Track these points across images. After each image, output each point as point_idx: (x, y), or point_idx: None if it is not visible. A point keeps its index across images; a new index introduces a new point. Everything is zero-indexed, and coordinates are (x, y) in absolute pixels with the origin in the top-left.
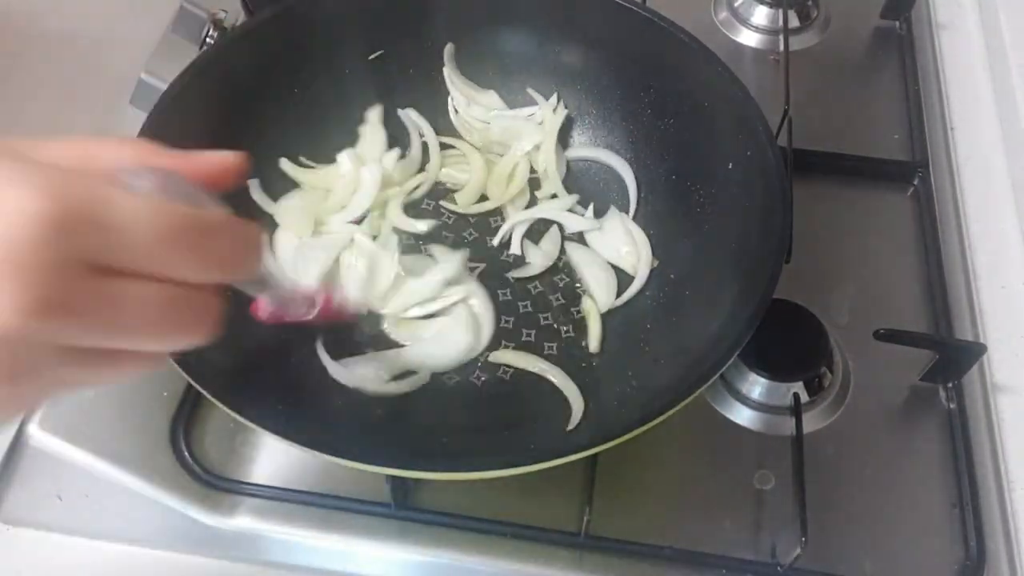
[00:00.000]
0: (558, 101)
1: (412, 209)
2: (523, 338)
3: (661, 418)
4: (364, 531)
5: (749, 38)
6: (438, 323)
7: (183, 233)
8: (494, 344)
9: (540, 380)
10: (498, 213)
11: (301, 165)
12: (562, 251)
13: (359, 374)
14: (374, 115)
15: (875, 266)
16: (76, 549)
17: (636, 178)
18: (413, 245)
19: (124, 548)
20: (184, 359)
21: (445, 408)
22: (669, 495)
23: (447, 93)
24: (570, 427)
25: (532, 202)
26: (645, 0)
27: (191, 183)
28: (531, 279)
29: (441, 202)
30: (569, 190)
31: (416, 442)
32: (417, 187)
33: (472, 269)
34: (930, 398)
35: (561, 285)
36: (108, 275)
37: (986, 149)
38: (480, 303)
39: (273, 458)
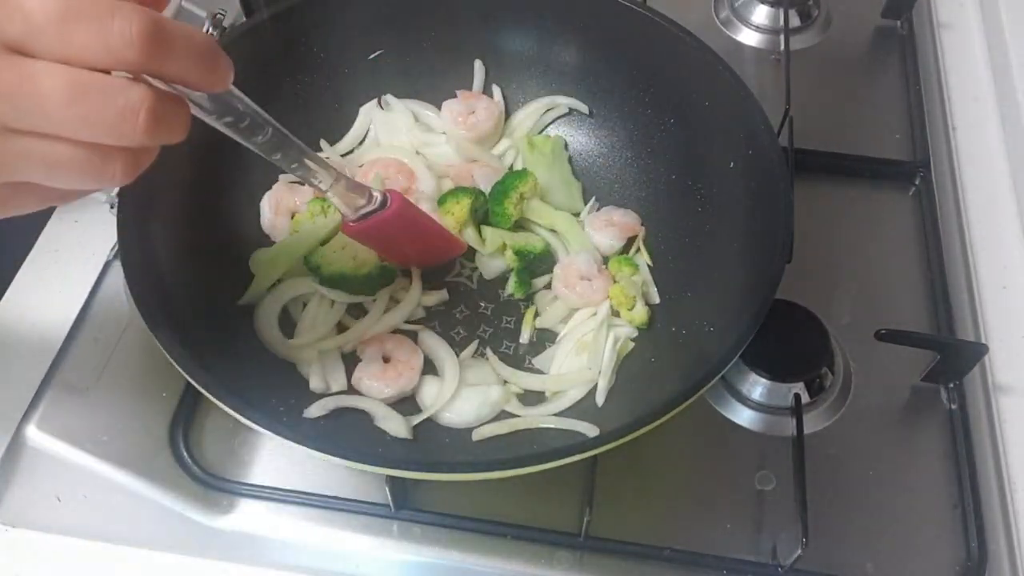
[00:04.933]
0: None
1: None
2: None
3: (662, 419)
4: (364, 531)
5: (750, 37)
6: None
7: (82, 11)
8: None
9: None
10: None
11: None
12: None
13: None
14: None
15: (876, 266)
16: (75, 550)
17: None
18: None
19: (123, 549)
20: (185, 360)
21: None
22: (669, 496)
23: (444, 92)
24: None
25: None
26: (646, 0)
27: None
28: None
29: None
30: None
31: (416, 443)
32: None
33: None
34: (931, 399)
35: None
36: (23, 55)
37: (988, 149)
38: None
39: (272, 459)
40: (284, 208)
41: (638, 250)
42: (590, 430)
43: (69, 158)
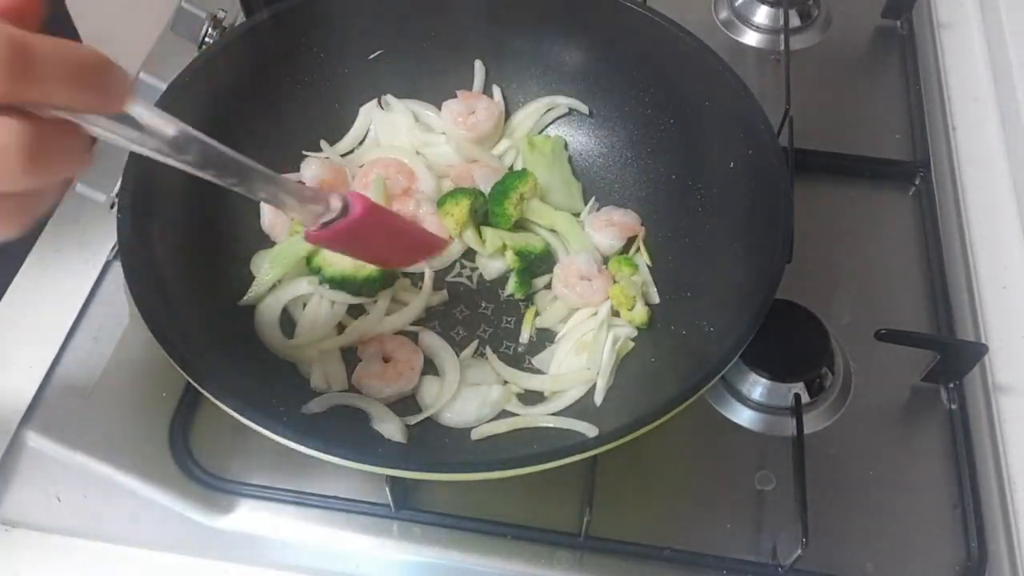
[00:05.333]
0: None
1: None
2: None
3: (662, 419)
4: (363, 532)
5: (750, 38)
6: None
7: None
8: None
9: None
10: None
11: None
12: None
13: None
14: None
15: (876, 266)
16: (75, 550)
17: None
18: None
19: (123, 549)
20: (185, 359)
21: None
22: (669, 496)
23: (444, 93)
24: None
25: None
26: (646, 0)
27: None
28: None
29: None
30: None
31: (416, 443)
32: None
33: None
34: (931, 399)
35: None
36: None
37: (988, 149)
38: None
39: (272, 459)
40: None
41: (638, 250)
42: (589, 430)
43: None
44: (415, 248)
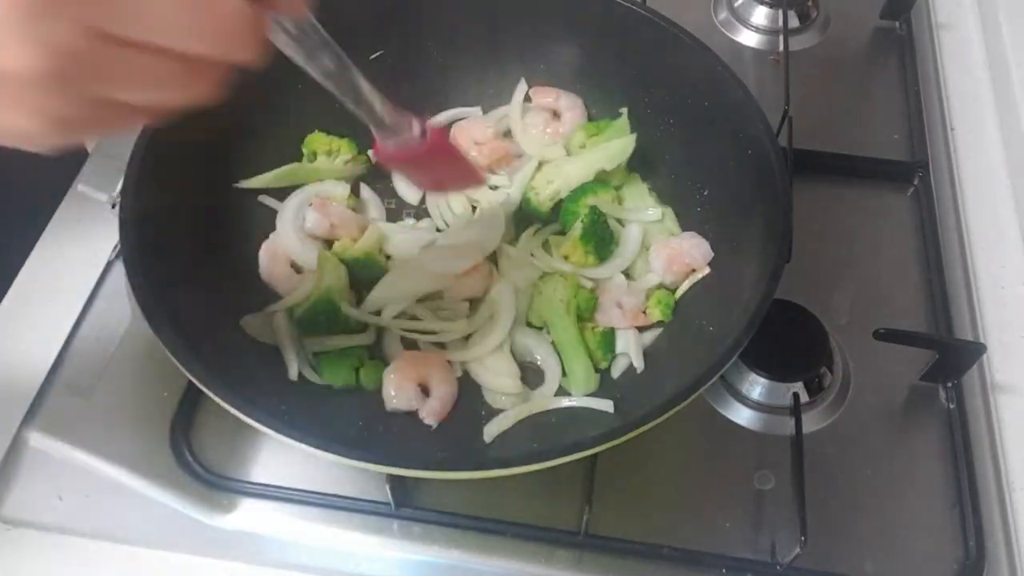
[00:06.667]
0: None
1: None
2: None
3: (661, 419)
4: (364, 530)
5: (749, 38)
6: None
7: None
8: None
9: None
10: None
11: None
12: None
13: None
14: None
15: (875, 266)
16: (76, 549)
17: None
18: None
19: (124, 548)
20: (186, 359)
21: None
22: (669, 494)
23: (445, 93)
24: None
25: None
26: (645, 0)
27: None
28: None
29: None
30: None
31: (417, 441)
32: None
33: None
34: (930, 398)
35: None
36: (115, 42)
37: (986, 149)
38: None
39: (273, 457)
40: (281, 257)
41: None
42: (606, 406)
43: (169, 72)
44: (461, 178)
